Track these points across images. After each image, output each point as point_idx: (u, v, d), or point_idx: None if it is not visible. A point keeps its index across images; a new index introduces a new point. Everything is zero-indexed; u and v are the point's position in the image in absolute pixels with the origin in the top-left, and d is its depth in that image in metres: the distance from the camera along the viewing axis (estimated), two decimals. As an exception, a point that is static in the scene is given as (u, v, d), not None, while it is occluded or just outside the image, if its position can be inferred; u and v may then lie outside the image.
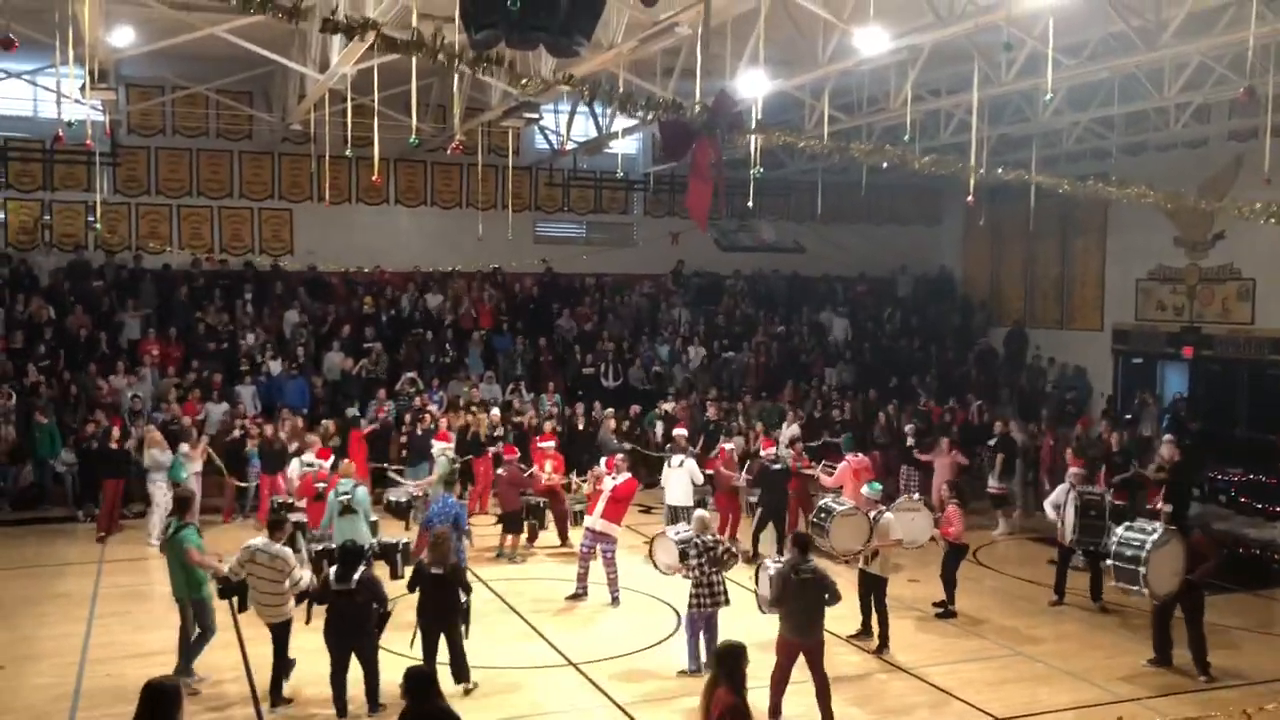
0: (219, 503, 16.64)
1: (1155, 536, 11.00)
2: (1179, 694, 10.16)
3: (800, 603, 9.09)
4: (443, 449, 15.13)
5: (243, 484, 16.75)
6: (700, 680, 10.16)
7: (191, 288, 21.17)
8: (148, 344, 19.55)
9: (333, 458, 14.52)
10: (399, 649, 10.31)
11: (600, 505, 12.79)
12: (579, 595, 12.83)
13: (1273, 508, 17.23)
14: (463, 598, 9.80)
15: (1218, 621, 12.32)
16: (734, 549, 10.84)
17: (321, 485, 13.20)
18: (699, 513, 11.06)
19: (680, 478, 14.72)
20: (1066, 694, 10.14)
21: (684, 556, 10.66)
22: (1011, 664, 11.06)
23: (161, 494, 15.41)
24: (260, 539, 9.82)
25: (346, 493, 12.27)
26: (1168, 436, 17.03)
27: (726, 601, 10.41)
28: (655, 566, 12.06)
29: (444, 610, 9.67)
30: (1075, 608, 12.88)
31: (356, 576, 9.16)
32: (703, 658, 10.49)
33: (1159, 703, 9.93)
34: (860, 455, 15.63)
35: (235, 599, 10.00)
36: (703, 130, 7.93)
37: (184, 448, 15.62)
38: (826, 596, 9.16)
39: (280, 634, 9.61)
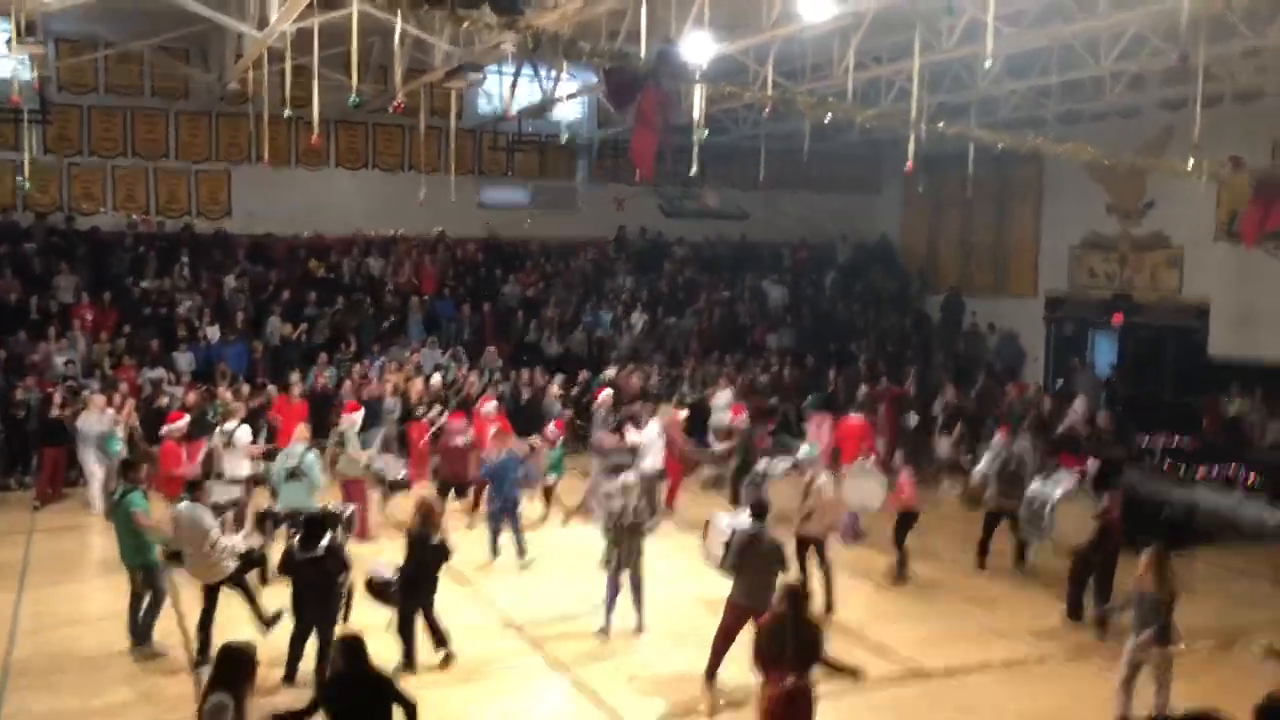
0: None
1: (1064, 490, 11.40)
2: (1098, 651, 10.50)
3: (759, 569, 9.18)
4: (351, 422, 14.33)
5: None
6: (616, 641, 10.43)
7: (127, 251, 20.75)
8: (80, 308, 19.14)
9: (185, 419, 14.17)
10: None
11: None
12: None
13: (1195, 470, 17.73)
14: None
15: (1142, 580, 12.75)
16: (648, 521, 10.79)
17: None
18: (624, 476, 11.19)
19: (657, 446, 14.85)
20: (993, 651, 10.45)
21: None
22: (947, 623, 11.36)
23: (93, 463, 15.19)
24: (184, 503, 9.78)
25: (295, 457, 12.14)
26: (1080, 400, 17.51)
27: (637, 566, 10.53)
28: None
29: (434, 581, 9.68)
30: (1005, 571, 13.20)
31: (324, 543, 9.02)
32: (641, 620, 10.68)
33: (1082, 659, 10.27)
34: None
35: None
36: (648, 79, 7.96)
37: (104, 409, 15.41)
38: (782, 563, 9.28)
39: (216, 595, 9.56)
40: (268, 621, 9.70)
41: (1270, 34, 13.39)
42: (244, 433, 14.33)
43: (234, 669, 5.94)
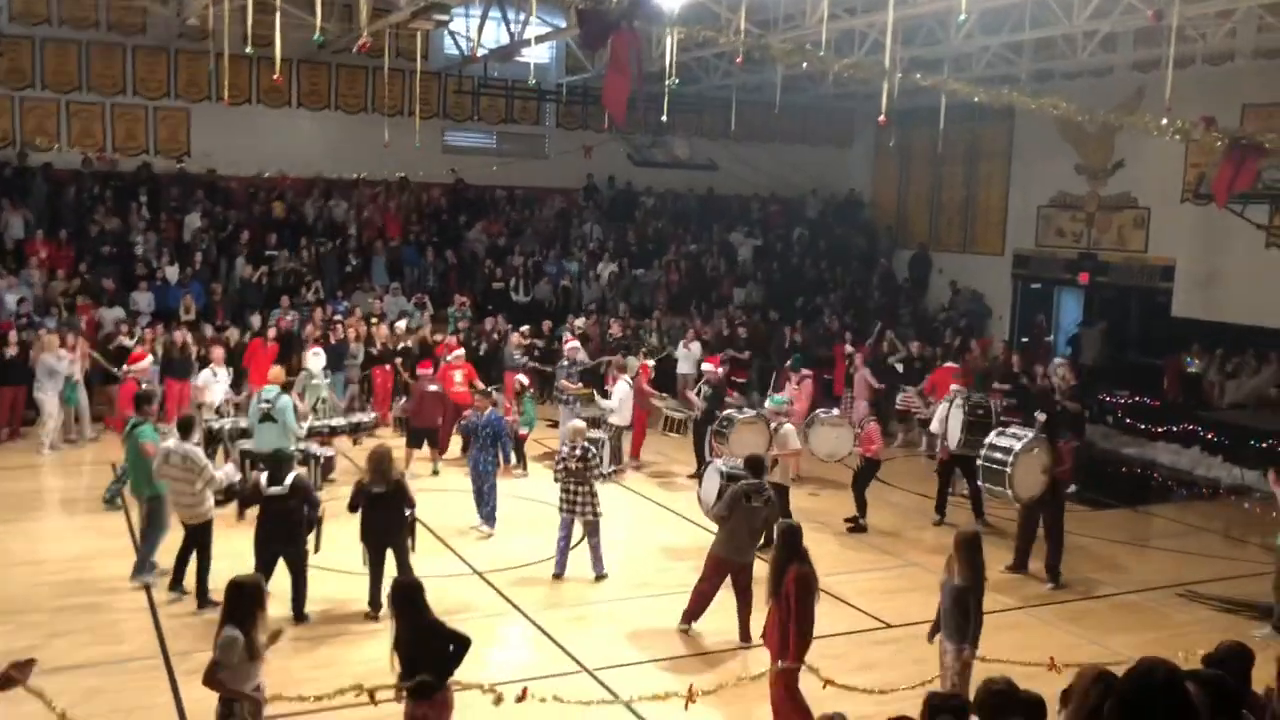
0: (104, 410, 16.06)
1: (1024, 442, 11.53)
2: (1055, 604, 10.66)
3: (746, 525, 9.19)
4: (314, 356, 14.53)
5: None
6: (579, 589, 10.46)
7: (84, 189, 20.27)
8: (34, 245, 18.71)
9: (148, 359, 14.04)
10: (337, 564, 10.28)
11: None
12: None
13: (1155, 428, 18.01)
14: (406, 513, 9.72)
15: (1099, 535, 12.99)
16: (593, 465, 10.62)
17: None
18: (573, 422, 11.14)
19: (627, 402, 14.88)
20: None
21: None
22: (906, 574, 11.46)
23: (52, 403, 15.02)
24: (173, 440, 9.68)
25: (268, 400, 12.01)
26: (1060, 359, 17.60)
27: (585, 513, 10.51)
28: None
29: (390, 528, 9.53)
30: (962, 523, 13.28)
31: (289, 480, 9.08)
32: (598, 568, 10.68)
33: (1040, 611, 10.42)
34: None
35: None
36: (621, 20, 7.80)
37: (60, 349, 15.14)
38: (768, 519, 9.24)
39: (200, 535, 9.52)
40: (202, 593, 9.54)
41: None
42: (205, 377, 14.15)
43: (242, 602, 5.93)
